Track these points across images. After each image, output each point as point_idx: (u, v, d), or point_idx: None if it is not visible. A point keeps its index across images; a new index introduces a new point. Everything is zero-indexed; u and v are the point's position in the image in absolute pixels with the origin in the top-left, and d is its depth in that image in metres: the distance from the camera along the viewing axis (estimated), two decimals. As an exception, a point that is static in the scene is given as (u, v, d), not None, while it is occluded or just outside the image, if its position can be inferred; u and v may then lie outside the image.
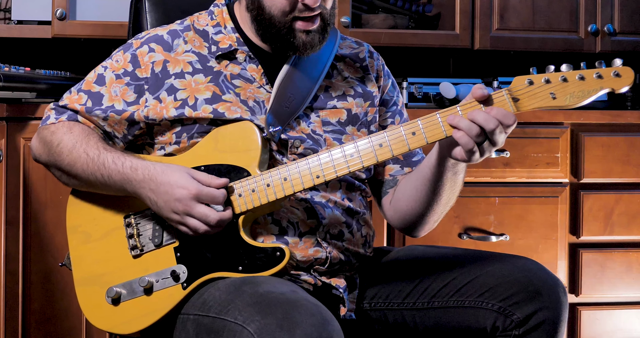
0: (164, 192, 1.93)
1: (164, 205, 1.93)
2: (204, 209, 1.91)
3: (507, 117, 1.82)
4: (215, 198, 1.92)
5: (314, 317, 1.73)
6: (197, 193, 1.91)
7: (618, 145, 3.22)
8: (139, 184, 1.96)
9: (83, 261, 2.08)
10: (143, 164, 1.97)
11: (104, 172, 1.99)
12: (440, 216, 2.09)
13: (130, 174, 1.97)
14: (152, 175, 1.95)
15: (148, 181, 1.95)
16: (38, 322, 2.95)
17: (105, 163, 1.99)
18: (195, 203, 1.91)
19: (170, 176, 1.93)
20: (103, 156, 2.00)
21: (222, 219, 1.92)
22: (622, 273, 3.23)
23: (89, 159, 2.01)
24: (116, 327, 2.03)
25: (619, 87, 1.80)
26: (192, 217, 1.92)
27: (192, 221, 1.92)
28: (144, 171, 1.96)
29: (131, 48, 2.10)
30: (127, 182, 1.97)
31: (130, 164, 1.97)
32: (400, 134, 1.89)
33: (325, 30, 2.03)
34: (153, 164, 1.97)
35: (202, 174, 1.95)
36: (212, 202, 1.92)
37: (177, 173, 1.94)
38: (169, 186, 1.93)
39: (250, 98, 2.05)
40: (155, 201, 1.95)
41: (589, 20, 3.40)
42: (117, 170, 1.98)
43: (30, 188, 2.93)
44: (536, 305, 1.93)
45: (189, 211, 1.91)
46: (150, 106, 2.05)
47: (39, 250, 2.94)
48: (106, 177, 1.99)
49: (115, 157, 1.99)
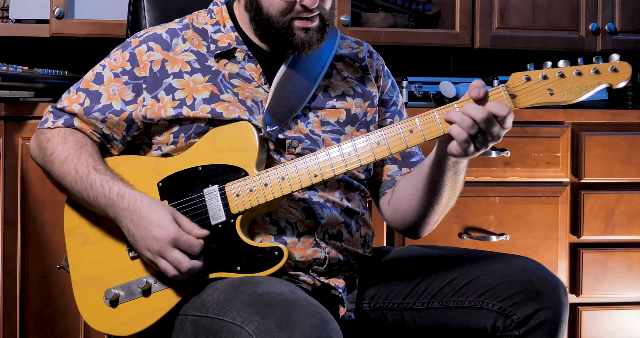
0: (143, 227, 1.93)
1: (140, 240, 1.93)
2: (177, 255, 1.91)
3: (501, 108, 1.81)
4: (191, 246, 1.92)
5: (313, 317, 1.72)
6: (175, 238, 1.91)
7: (619, 144, 3.22)
8: (122, 212, 1.96)
9: (81, 264, 2.08)
10: (130, 193, 1.97)
11: (91, 193, 2.00)
12: (440, 217, 2.09)
13: (115, 201, 1.97)
14: (136, 207, 1.95)
15: (131, 212, 1.95)
16: (36, 323, 2.94)
17: (92, 185, 1.99)
18: (171, 247, 1.91)
19: (154, 213, 1.93)
20: (92, 176, 2.00)
21: (193, 268, 1.92)
22: (623, 273, 3.23)
23: (77, 176, 2.01)
24: (114, 328, 2.03)
25: (616, 82, 1.80)
26: (165, 260, 1.92)
27: (164, 263, 1.92)
28: (129, 200, 1.96)
29: (130, 47, 2.10)
30: (110, 207, 1.97)
31: (118, 190, 1.97)
32: (398, 132, 1.89)
33: (324, 30, 2.03)
34: (141, 195, 1.97)
35: (186, 220, 1.95)
36: (188, 250, 1.92)
37: (161, 211, 1.94)
38: (149, 223, 1.92)
39: (249, 98, 2.05)
40: (132, 233, 1.95)
41: (590, 19, 3.39)
42: (103, 194, 1.98)
43: (28, 188, 2.93)
44: (537, 305, 1.93)
45: (162, 254, 1.91)
46: (148, 105, 2.05)
47: (37, 250, 2.94)
48: (92, 198, 2.00)
49: (103, 180, 1.99)
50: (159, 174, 2.02)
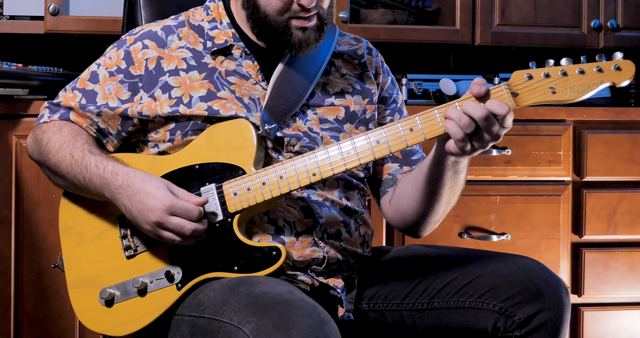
0: (139, 201, 1.93)
1: (137, 215, 1.93)
2: (178, 220, 1.91)
3: (500, 107, 1.81)
4: (189, 211, 1.91)
5: (311, 318, 1.72)
6: (170, 205, 1.90)
7: (621, 143, 3.22)
8: (117, 189, 1.96)
9: (76, 263, 2.08)
10: (124, 170, 1.97)
11: (86, 175, 1.99)
12: (441, 216, 2.09)
13: (110, 179, 1.97)
14: (130, 182, 1.95)
15: (126, 188, 1.95)
16: (30, 323, 2.94)
17: (88, 166, 1.99)
18: (168, 215, 1.90)
19: (148, 185, 1.93)
20: (87, 158, 2.00)
21: (197, 229, 1.91)
22: (625, 273, 3.23)
23: (73, 160, 2.01)
24: (110, 329, 2.03)
25: (620, 80, 1.80)
26: (166, 229, 1.91)
27: (166, 233, 1.92)
28: (123, 176, 1.96)
29: (125, 45, 2.10)
30: (106, 186, 1.97)
31: (112, 168, 1.97)
32: (398, 130, 1.89)
33: (322, 29, 2.03)
34: (134, 171, 1.97)
35: (182, 190, 1.95)
36: (186, 216, 1.91)
37: (155, 183, 1.94)
38: (144, 195, 1.92)
39: (246, 95, 2.05)
40: (130, 209, 1.94)
41: (592, 15, 3.39)
42: (98, 174, 1.98)
43: (22, 186, 2.93)
44: (538, 306, 1.93)
45: (162, 223, 1.91)
46: (145, 103, 2.05)
47: (32, 250, 2.94)
48: (87, 180, 1.99)
49: (98, 160, 1.99)
50: (156, 172, 2.02)
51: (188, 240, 1.92)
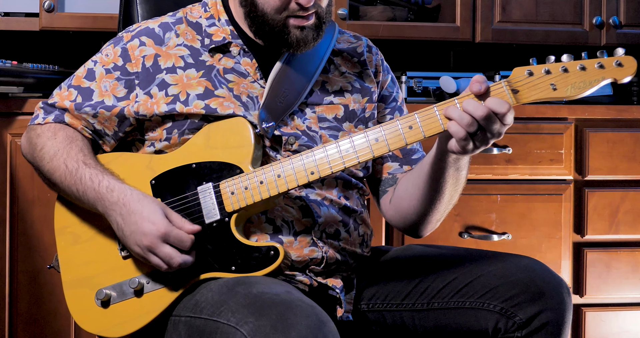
0: (133, 222, 1.93)
1: (129, 235, 1.93)
2: (168, 250, 1.91)
3: (501, 105, 1.81)
4: (182, 242, 1.92)
5: (309, 319, 1.72)
6: (165, 232, 1.91)
7: (624, 141, 3.22)
8: (111, 206, 1.96)
9: (72, 263, 2.07)
10: (120, 186, 1.97)
11: (80, 187, 2.00)
12: (443, 215, 2.09)
13: (105, 194, 1.97)
14: (126, 201, 1.95)
15: (121, 206, 1.95)
16: (25, 324, 2.95)
17: (82, 179, 2.00)
18: (161, 242, 1.91)
19: (144, 207, 1.93)
20: (81, 170, 2.00)
21: (185, 263, 1.92)
22: (628, 273, 3.23)
23: (67, 171, 2.02)
24: (106, 330, 2.02)
25: (621, 77, 1.80)
26: (155, 255, 1.92)
27: (154, 259, 1.92)
28: (119, 193, 1.96)
29: (121, 42, 2.10)
30: (99, 201, 1.98)
31: (107, 184, 1.98)
32: (397, 128, 1.89)
33: (320, 28, 2.03)
34: (130, 189, 1.97)
35: (176, 215, 1.95)
36: (179, 245, 1.92)
37: (151, 206, 1.94)
38: (139, 217, 1.92)
39: (244, 93, 2.05)
40: (122, 228, 1.94)
41: (594, 12, 3.39)
42: (92, 187, 1.98)
43: (17, 185, 2.93)
44: (539, 306, 1.93)
45: (152, 249, 1.91)
46: (141, 101, 2.05)
47: (26, 250, 2.94)
48: (81, 192, 2.00)
49: (92, 174, 1.99)
50: (152, 171, 2.02)
51: (171, 270, 1.93)
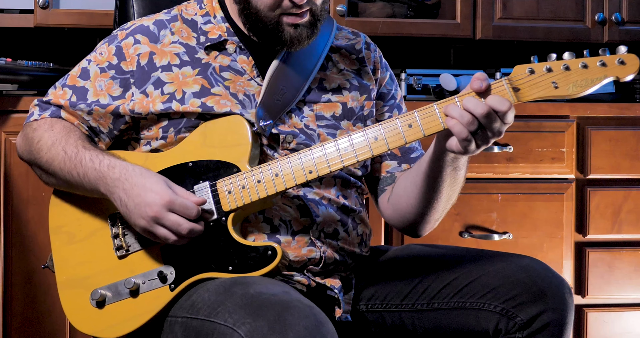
0: (136, 194, 1.92)
1: (133, 208, 1.92)
2: (175, 217, 1.90)
3: (501, 103, 1.81)
4: (187, 208, 1.91)
5: (308, 319, 1.72)
6: (170, 200, 1.90)
7: (626, 139, 3.22)
8: (114, 182, 1.95)
9: (67, 263, 2.07)
10: (122, 163, 1.97)
11: (80, 170, 1.99)
12: (441, 214, 2.09)
13: (106, 172, 1.96)
14: (128, 175, 1.94)
15: (123, 181, 1.94)
16: (20, 324, 2.94)
17: (82, 161, 1.99)
18: (166, 211, 1.90)
19: (147, 179, 1.93)
20: (81, 154, 2.00)
21: (194, 229, 1.91)
22: (630, 273, 3.23)
23: (66, 157, 2.01)
24: (101, 331, 2.02)
25: (624, 75, 1.80)
26: (162, 226, 1.91)
27: (161, 230, 1.91)
28: (121, 170, 1.95)
29: (116, 40, 2.10)
30: (101, 180, 1.96)
31: (108, 162, 1.97)
32: (396, 126, 1.89)
33: (315, 26, 2.03)
34: (132, 165, 1.96)
35: (180, 188, 1.95)
36: (184, 213, 1.90)
37: (154, 178, 1.93)
38: (142, 189, 1.92)
39: (240, 91, 2.05)
40: (125, 202, 1.93)
41: (596, 8, 3.39)
42: (93, 168, 1.97)
43: (11, 184, 2.93)
44: (541, 307, 1.93)
45: (159, 219, 1.90)
46: (137, 100, 2.05)
47: (21, 249, 2.94)
48: (82, 175, 1.99)
49: (93, 155, 1.99)
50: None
51: (182, 239, 1.92)
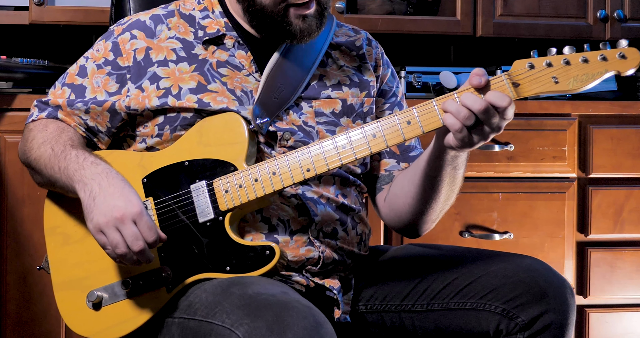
0: (109, 193, 1.90)
1: (100, 204, 1.89)
2: (136, 230, 1.87)
3: (501, 99, 1.81)
4: (151, 230, 1.87)
5: (306, 320, 1.72)
6: (140, 213, 1.87)
7: (628, 138, 3.22)
8: (92, 175, 1.92)
9: (62, 265, 2.07)
10: (106, 165, 1.95)
11: (62, 164, 1.98)
12: (439, 215, 2.08)
13: (88, 166, 1.94)
14: (111, 175, 1.92)
15: (103, 177, 1.92)
16: (14, 326, 2.94)
17: (67, 157, 1.98)
18: (131, 221, 1.87)
19: (126, 188, 1.91)
20: (67, 151, 2.00)
21: (145, 252, 1.87)
22: (632, 273, 3.23)
23: (52, 154, 2.01)
24: (98, 332, 2.02)
25: (624, 69, 1.80)
26: (119, 232, 1.87)
27: (115, 236, 1.87)
28: (104, 168, 1.94)
29: (112, 36, 2.10)
30: (79, 171, 1.94)
31: (94, 159, 1.96)
32: (395, 123, 1.88)
33: (323, 15, 2.02)
34: (117, 171, 1.94)
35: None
36: (145, 232, 1.87)
37: (134, 191, 1.91)
38: (118, 192, 1.89)
39: (238, 87, 2.04)
40: (95, 195, 1.90)
41: (598, 5, 3.39)
42: (76, 162, 1.96)
43: (6, 183, 2.92)
44: (542, 307, 1.93)
45: (120, 224, 1.87)
46: (132, 95, 2.04)
47: (16, 249, 2.93)
48: (62, 169, 1.97)
49: (79, 153, 1.98)
50: (144, 169, 2.01)
51: (127, 255, 1.88)
